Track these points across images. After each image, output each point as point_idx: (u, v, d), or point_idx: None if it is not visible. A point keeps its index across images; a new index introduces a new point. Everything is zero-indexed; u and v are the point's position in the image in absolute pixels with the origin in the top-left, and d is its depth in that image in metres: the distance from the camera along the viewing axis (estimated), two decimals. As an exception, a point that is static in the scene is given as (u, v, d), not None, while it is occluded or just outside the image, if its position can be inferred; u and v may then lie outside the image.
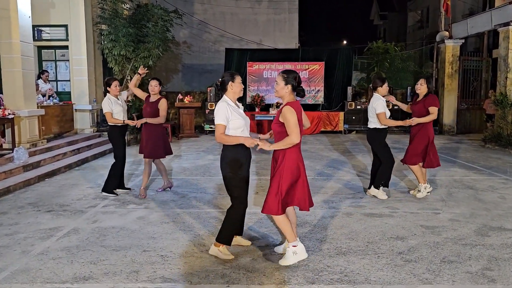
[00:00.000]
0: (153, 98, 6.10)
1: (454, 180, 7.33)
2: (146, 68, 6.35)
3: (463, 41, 14.93)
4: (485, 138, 11.85)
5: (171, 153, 6.46)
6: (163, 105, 6.05)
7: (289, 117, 3.61)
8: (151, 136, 6.10)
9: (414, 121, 5.90)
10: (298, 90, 3.76)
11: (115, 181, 6.34)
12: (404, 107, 6.53)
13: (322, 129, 14.85)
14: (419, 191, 6.13)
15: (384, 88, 5.97)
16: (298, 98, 3.78)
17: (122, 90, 6.56)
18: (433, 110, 5.86)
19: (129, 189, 6.62)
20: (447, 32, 14.87)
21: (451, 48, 14.75)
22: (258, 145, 3.64)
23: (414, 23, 32.10)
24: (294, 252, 3.79)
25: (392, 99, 6.43)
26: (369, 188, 6.27)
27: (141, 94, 6.21)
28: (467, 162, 9.17)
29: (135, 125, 6.07)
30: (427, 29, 28.79)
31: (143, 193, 6.18)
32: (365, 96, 16.22)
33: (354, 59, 16.98)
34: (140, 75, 6.23)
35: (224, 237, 3.96)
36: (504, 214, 5.39)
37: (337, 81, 15.89)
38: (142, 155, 6.23)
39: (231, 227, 3.97)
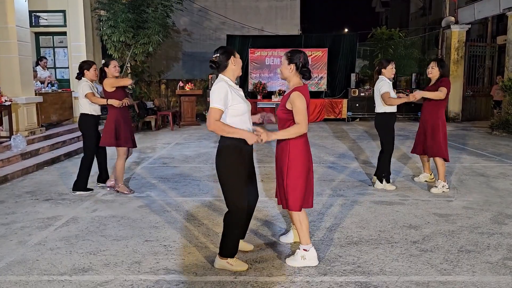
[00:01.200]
0: None
1: (464, 167, 7.13)
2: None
3: (469, 26, 14.62)
4: (493, 125, 11.61)
5: None
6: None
7: (298, 103, 3.21)
8: (130, 122, 5.67)
9: (418, 94, 5.41)
10: (303, 71, 3.35)
11: (87, 176, 5.71)
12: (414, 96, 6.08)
13: (325, 117, 14.62)
14: (436, 187, 5.64)
15: (389, 69, 5.60)
16: (304, 81, 3.46)
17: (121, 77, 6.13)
18: (443, 89, 5.38)
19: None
20: (453, 18, 14.55)
21: (457, 34, 14.44)
22: (261, 139, 3.11)
23: (417, 10, 31.67)
24: (303, 257, 3.42)
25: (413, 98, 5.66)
26: (375, 174, 6.05)
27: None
28: (475, 149, 8.96)
29: (123, 104, 5.36)
30: (430, 16, 28.40)
31: (127, 188, 5.68)
32: (369, 83, 15.95)
33: (357, 45, 16.68)
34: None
35: (227, 250, 3.35)
36: (519, 202, 5.19)
37: (340, 68, 15.64)
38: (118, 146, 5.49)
39: (232, 236, 3.33)
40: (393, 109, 5.65)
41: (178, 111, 14.02)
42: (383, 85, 5.54)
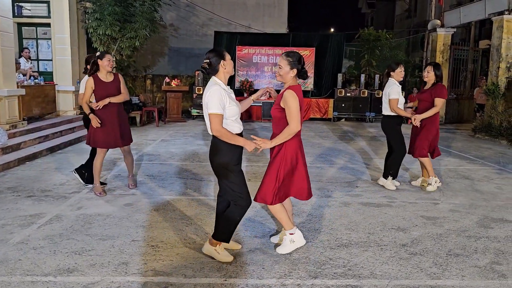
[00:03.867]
0: (108, 77, 5.21)
1: (448, 170, 7.20)
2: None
3: (454, 30, 14.79)
4: (475, 128, 11.78)
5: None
6: (122, 80, 5.38)
7: (291, 103, 3.28)
8: (125, 118, 5.50)
9: (417, 119, 5.60)
10: (302, 73, 3.43)
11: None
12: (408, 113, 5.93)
13: (312, 116, 14.64)
14: (430, 184, 5.80)
15: (398, 72, 5.60)
16: (300, 81, 3.50)
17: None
18: (439, 102, 5.54)
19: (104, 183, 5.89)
20: (439, 21, 14.72)
21: (442, 37, 14.60)
22: (258, 148, 3.28)
23: (402, 12, 31.98)
24: (291, 240, 3.61)
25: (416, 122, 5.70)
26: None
27: (89, 94, 5.16)
28: (459, 151, 9.08)
29: (97, 107, 5.10)
30: (415, 18, 28.70)
31: (133, 182, 5.71)
32: (355, 83, 16.04)
33: (344, 46, 16.72)
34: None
35: (221, 234, 3.44)
36: (504, 205, 5.27)
37: (327, 68, 15.67)
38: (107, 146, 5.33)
39: (234, 223, 3.43)
40: None
41: (164, 107, 13.87)
42: (393, 89, 5.57)
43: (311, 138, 10.66)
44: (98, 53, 5.25)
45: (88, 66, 5.48)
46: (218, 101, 3.14)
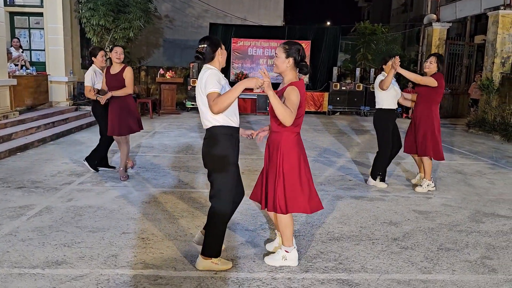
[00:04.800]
0: (115, 69, 5.49)
1: (442, 164, 7.20)
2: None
3: (450, 24, 14.79)
4: (469, 123, 11.81)
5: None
6: (129, 73, 5.48)
7: (293, 97, 3.02)
8: (129, 109, 5.62)
9: (397, 59, 5.05)
10: (301, 66, 3.18)
11: (100, 155, 5.99)
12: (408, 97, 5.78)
13: (306, 110, 14.59)
14: (421, 185, 5.59)
15: (389, 64, 5.37)
16: (301, 76, 3.32)
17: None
18: (428, 78, 5.16)
19: (113, 167, 6.13)
20: (435, 15, 14.69)
21: (438, 32, 14.60)
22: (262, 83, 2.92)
23: (398, 6, 31.92)
24: (283, 257, 3.31)
25: (396, 63, 5.08)
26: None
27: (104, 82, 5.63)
28: (452, 146, 9.10)
29: (102, 101, 5.47)
30: (411, 12, 28.67)
31: (124, 174, 5.69)
32: (350, 77, 16.01)
33: (339, 39, 16.66)
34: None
35: (213, 249, 3.16)
36: (496, 200, 5.28)
37: (322, 61, 15.61)
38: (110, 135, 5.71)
39: (218, 232, 3.16)
40: (392, 105, 5.52)
41: (158, 99, 13.78)
42: (379, 77, 5.51)
43: (306, 132, 10.63)
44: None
45: (94, 58, 5.80)
46: (214, 80, 2.97)
